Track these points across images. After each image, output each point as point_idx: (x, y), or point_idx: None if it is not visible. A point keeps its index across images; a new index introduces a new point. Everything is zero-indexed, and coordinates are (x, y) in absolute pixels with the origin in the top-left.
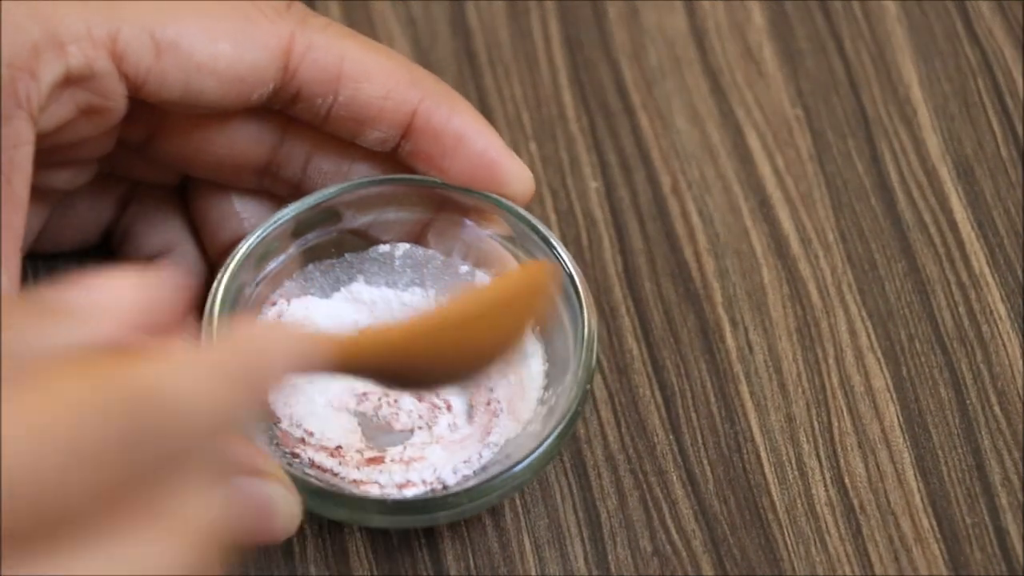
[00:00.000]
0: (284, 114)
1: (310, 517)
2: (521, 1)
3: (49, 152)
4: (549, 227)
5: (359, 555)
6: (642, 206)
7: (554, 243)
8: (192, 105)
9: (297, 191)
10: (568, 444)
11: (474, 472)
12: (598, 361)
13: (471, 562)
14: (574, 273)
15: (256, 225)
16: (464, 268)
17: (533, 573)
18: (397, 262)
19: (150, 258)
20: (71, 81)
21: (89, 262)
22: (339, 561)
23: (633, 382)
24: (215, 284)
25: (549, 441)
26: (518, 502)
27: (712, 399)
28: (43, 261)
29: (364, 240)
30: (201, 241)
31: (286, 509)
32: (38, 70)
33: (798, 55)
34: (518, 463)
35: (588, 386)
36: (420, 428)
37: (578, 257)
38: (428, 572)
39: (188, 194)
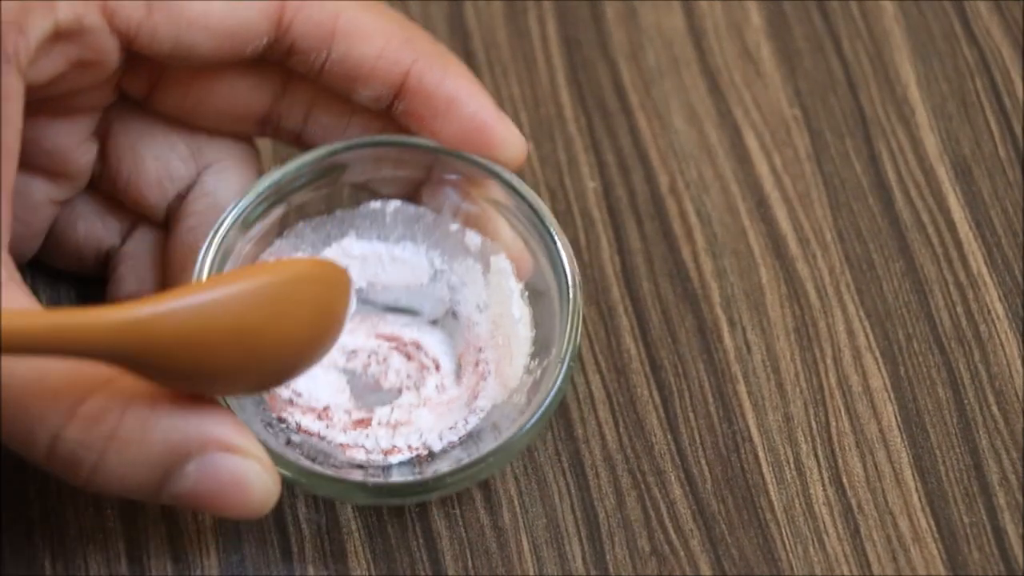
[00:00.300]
0: (284, 67)
1: (307, 518)
2: (519, 1)
3: (46, 102)
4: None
5: (357, 555)
6: (640, 206)
7: (541, 212)
8: (185, 58)
9: (298, 141)
10: (566, 443)
11: (459, 439)
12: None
13: (469, 562)
14: (560, 243)
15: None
16: (454, 226)
17: (531, 573)
18: (388, 218)
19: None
20: (61, 36)
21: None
22: (337, 561)
23: (631, 382)
24: (203, 247)
25: (533, 420)
26: (516, 502)
27: (710, 399)
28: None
29: (366, 192)
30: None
31: (261, 486)
32: (27, 25)
33: (796, 55)
34: (495, 451)
35: (572, 363)
36: (408, 389)
37: (576, 257)
38: (426, 572)
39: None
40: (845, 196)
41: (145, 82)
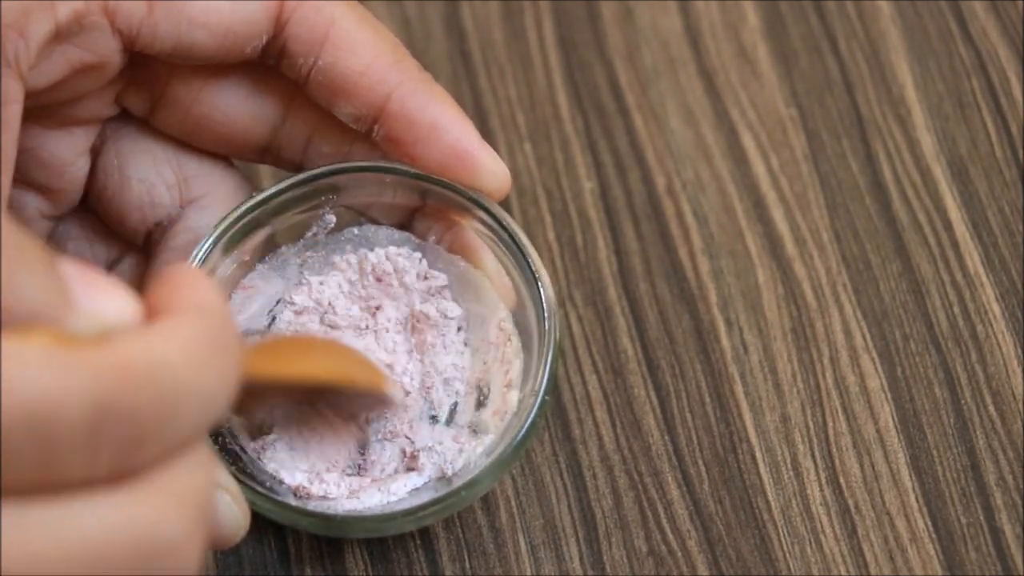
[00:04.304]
0: (286, 95)
1: None
2: (515, 1)
3: (46, 110)
4: (544, 228)
5: (354, 556)
6: (637, 207)
7: (522, 244)
8: (185, 56)
9: (299, 171)
10: (563, 444)
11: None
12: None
13: (466, 563)
14: (540, 278)
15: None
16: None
17: (528, 574)
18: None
19: None
20: (61, 37)
21: None
22: (335, 562)
23: (628, 382)
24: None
25: (506, 455)
26: (513, 502)
27: (707, 399)
28: None
29: (362, 217)
30: None
31: (231, 518)
32: (27, 28)
33: (792, 55)
34: (463, 486)
35: (547, 396)
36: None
37: (573, 257)
38: (423, 573)
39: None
40: (842, 196)
41: (147, 99)
